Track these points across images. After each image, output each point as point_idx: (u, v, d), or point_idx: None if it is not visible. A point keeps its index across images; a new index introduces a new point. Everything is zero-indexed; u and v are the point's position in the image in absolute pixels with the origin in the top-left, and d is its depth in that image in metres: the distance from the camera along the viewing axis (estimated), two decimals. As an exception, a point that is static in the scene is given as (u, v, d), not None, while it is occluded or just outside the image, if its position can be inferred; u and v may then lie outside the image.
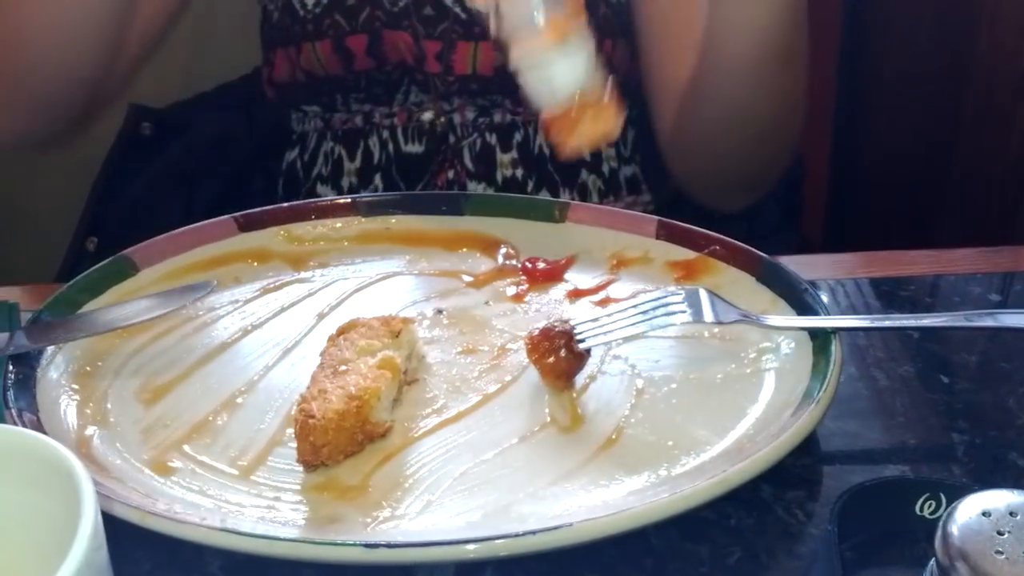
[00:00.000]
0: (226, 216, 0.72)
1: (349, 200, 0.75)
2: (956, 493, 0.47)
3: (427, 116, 0.90)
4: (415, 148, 0.91)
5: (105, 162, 1.10)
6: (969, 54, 1.09)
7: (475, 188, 0.90)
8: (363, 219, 0.74)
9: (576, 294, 0.68)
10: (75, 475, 0.36)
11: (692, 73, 0.81)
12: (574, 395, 0.59)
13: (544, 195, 0.91)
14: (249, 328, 0.65)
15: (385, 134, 0.91)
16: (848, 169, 1.33)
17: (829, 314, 0.61)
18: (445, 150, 0.91)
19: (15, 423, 0.54)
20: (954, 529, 0.42)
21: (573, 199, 0.91)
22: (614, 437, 0.56)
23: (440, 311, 0.67)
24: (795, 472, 0.54)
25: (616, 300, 0.67)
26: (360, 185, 0.91)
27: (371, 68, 0.88)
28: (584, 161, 0.92)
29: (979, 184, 1.10)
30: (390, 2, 0.87)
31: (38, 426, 0.55)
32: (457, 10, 0.86)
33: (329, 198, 0.76)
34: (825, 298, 0.70)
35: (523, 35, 0.58)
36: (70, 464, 0.36)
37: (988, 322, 0.61)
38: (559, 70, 0.57)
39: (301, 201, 0.75)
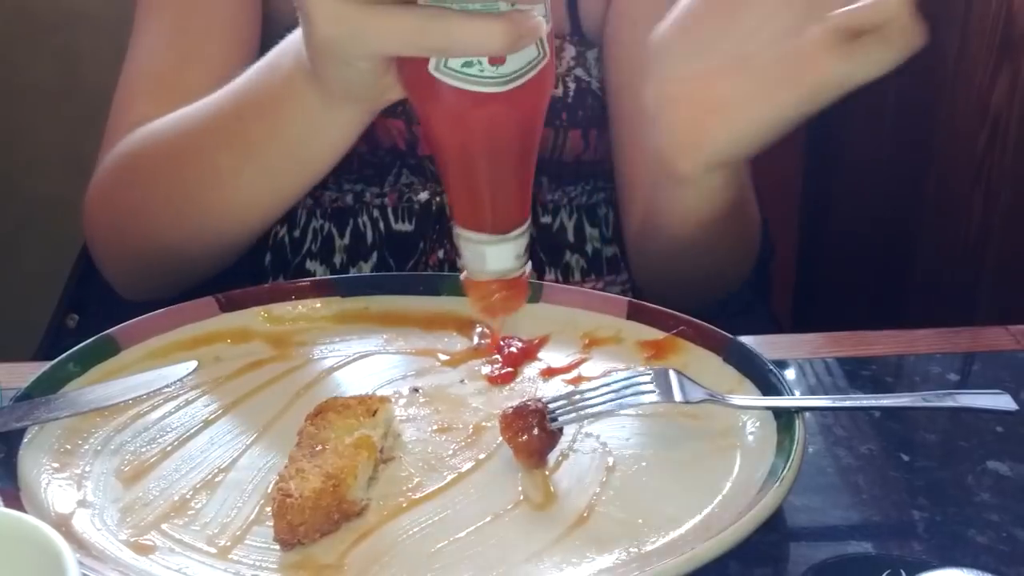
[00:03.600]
0: (208, 296, 0.73)
1: (329, 281, 0.76)
2: (916, 569, 0.49)
3: (422, 197, 0.92)
4: (406, 227, 0.92)
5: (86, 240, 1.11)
6: (929, 141, 1.13)
7: None
8: (342, 299, 0.75)
9: (549, 372, 0.70)
10: (62, 557, 0.37)
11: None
12: (547, 473, 0.60)
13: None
14: (228, 407, 0.66)
15: (375, 213, 0.92)
16: (815, 250, 1.37)
17: (793, 394, 0.63)
18: (438, 229, 0.92)
19: (-3, 502, 0.55)
20: (912, 605, 0.43)
21: (557, 279, 0.93)
22: (585, 515, 0.57)
23: (416, 390, 0.68)
24: (762, 549, 0.56)
25: (588, 379, 0.68)
26: (350, 263, 0.93)
27: (364, 152, 0.90)
28: (568, 242, 0.95)
29: (940, 266, 1.14)
30: None
31: (19, 505, 0.56)
32: None
33: (309, 279, 0.78)
34: (792, 374, 0.72)
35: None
36: (57, 547, 0.37)
37: (947, 402, 0.63)
38: (493, 253, 0.59)
39: (282, 282, 0.77)
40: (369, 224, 0.92)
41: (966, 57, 1.06)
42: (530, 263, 0.61)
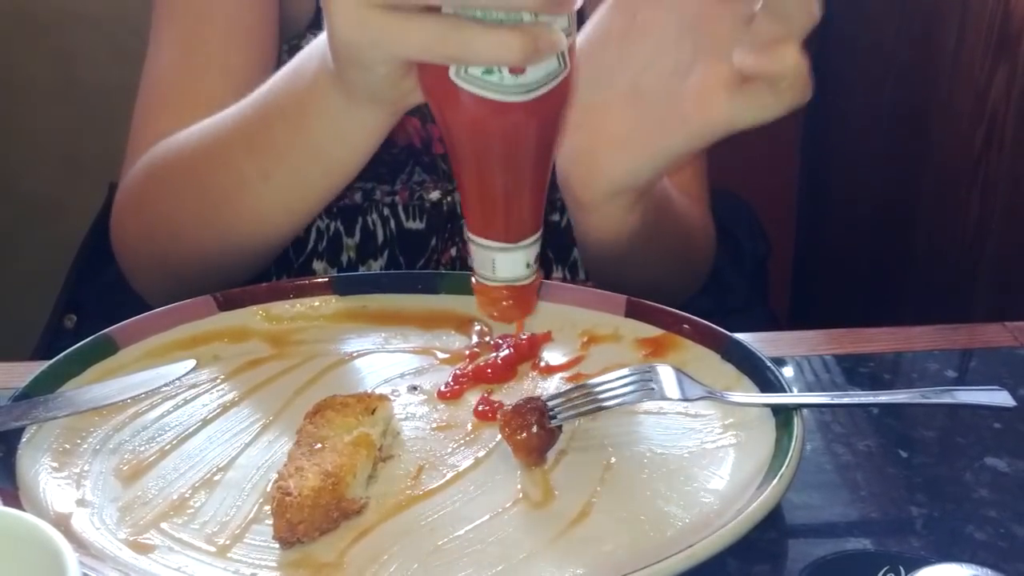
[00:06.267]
0: (206, 295, 0.73)
1: (326, 280, 0.76)
2: (914, 566, 0.49)
3: (434, 196, 0.92)
4: (417, 225, 0.92)
5: (84, 240, 1.12)
6: (925, 140, 1.13)
7: None
8: (340, 298, 0.75)
9: (548, 370, 0.70)
10: (62, 555, 0.37)
11: None
12: (546, 470, 0.61)
13: None
14: (227, 405, 0.66)
15: (386, 211, 0.92)
16: (813, 248, 1.37)
17: (791, 391, 0.63)
18: (450, 227, 0.92)
19: (-5, 502, 0.55)
20: (910, 601, 0.43)
21: (565, 277, 0.93)
22: (585, 512, 0.57)
23: (415, 388, 0.68)
24: (760, 546, 0.56)
25: (587, 376, 0.68)
26: (359, 261, 0.92)
27: (378, 149, 0.90)
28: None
29: (937, 263, 1.14)
30: None
31: (18, 504, 0.56)
32: None
33: (307, 278, 0.78)
34: (790, 372, 0.72)
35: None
36: (57, 545, 0.37)
37: (945, 399, 0.64)
38: (503, 260, 0.60)
39: (279, 281, 0.76)
40: (379, 222, 0.92)
41: (963, 54, 1.06)
42: (541, 271, 0.62)
